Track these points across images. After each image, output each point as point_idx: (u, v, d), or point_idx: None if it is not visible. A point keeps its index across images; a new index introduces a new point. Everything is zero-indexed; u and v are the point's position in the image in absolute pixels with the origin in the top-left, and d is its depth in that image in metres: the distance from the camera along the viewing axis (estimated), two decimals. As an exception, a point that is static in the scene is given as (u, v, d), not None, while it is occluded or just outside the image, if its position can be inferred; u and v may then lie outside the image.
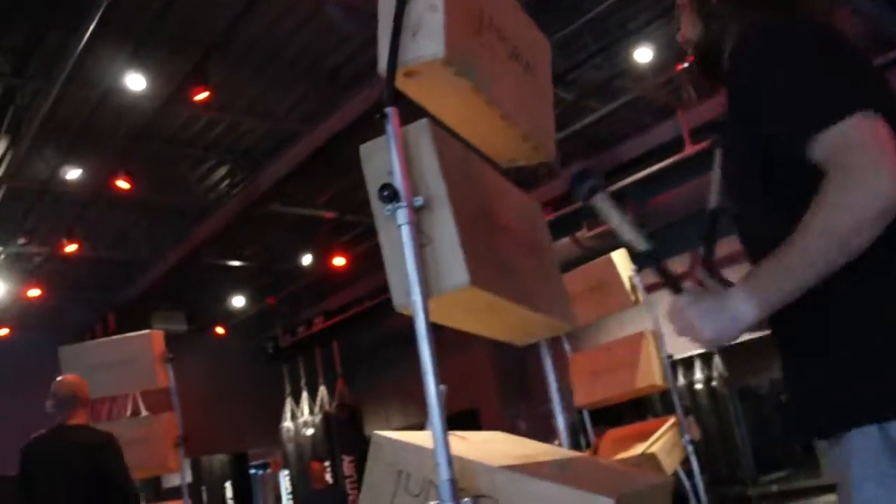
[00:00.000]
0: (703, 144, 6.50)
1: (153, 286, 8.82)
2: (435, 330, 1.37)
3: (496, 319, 1.72)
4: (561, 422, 2.05)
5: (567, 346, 4.57)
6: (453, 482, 1.30)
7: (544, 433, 4.31)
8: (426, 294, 1.38)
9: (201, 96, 5.49)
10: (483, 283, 1.46)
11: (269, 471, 20.46)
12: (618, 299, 4.19)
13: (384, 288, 1.40)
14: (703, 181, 1.91)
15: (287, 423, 11.01)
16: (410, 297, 1.37)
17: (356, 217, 8.17)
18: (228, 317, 10.97)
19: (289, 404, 11.19)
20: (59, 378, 3.91)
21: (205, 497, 13.45)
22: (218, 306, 10.60)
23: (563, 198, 7.15)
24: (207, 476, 13.42)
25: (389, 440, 1.56)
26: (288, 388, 11.24)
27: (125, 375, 4.50)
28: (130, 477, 3.69)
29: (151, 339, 4.58)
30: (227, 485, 13.09)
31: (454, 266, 1.42)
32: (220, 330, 11.05)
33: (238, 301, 10.09)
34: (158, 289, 8.73)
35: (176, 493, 17.92)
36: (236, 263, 8.99)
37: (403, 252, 1.38)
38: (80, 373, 4.01)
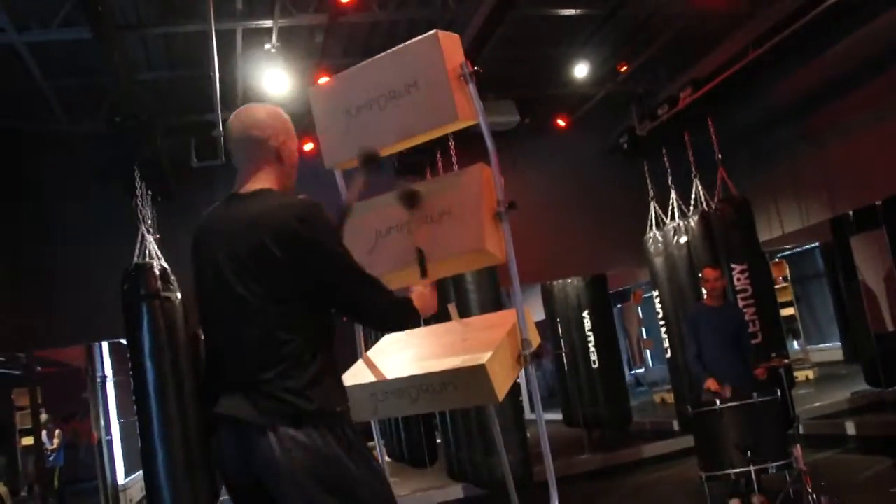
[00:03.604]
0: None
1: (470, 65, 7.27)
2: None
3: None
4: None
5: None
6: None
7: None
8: None
9: None
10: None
11: (629, 302, 19.55)
12: None
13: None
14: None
15: (653, 233, 9.56)
16: None
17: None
18: (570, 102, 9.28)
19: (653, 209, 9.74)
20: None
21: (560, 330, 12.54)
22: (556, 87, 8.97)
23: None
24: (562, 305, 12.48)
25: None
26: (651, 189, 9.79)
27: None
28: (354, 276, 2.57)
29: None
30: (585, 315, 11.94)
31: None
32: (561, 122, 9.44)
33: (580, 71, 8.23)
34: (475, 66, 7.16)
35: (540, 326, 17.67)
36: (570, 12, 7.09)
37: None
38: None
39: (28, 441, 14.78)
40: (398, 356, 3.32)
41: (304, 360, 2.34)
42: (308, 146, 8.78)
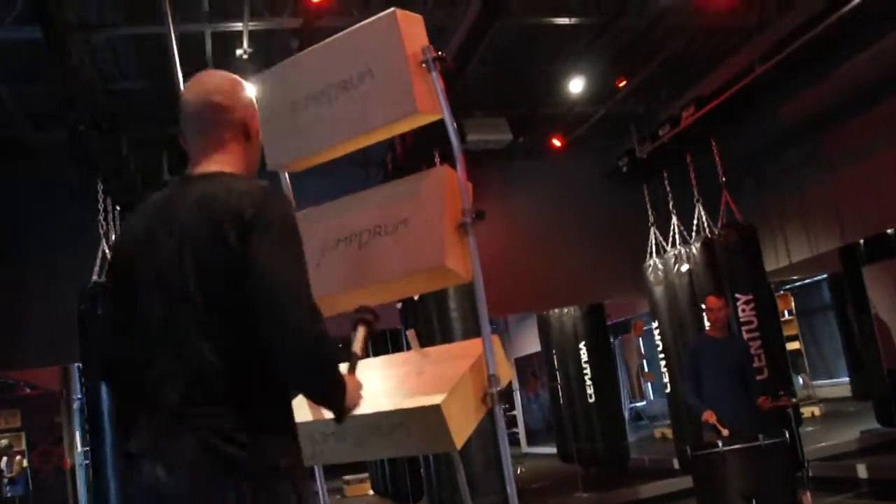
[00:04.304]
0: None
1: (454, 80, 6.88)
2: None
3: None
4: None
5: None
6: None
7: None
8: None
9: None
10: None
11: (630, 334, 19.07)
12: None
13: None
14: None
15: (653, 260, 9.14)
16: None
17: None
18: (567, 121, 8.88)
19: (653, 235, 9.32)
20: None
21: (556, 362, 12.15)
22: (551, 105, 8.59)
23: None
24: (558, 336, 12.08)
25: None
26: (651, 214, 9.37)
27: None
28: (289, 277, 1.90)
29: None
30: (581, 346, 11.54)
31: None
32: (556, 143, 9.04)
33: (576, 86, 7.82)
34: (464, 84, 6.78)
35: (527, 361, 17.07)
36: (564, 21, 6.70)
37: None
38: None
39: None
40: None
41: (242, 393, 1.86)
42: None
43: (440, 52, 2.70)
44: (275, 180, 3.07)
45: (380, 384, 2.76)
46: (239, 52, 6.27)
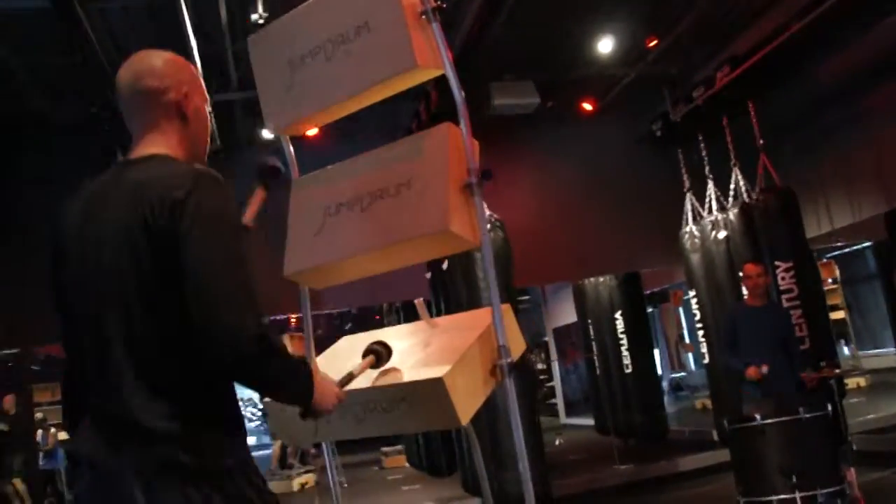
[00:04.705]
0: None
1: (477, 41, 6.67)
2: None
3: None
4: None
5: None
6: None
7: None
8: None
9: None
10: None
11: (668, 303, 18.80)
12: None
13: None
14: None
15: (689, 227, 8.88)
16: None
17: None
18: (597, 85, 8.62)
19: (689, 201, 9.01)
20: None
21: (591, 332, 12.01)
22: (580, 67, 8.30)
23: None
24: (593, 305, 11.93)
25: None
26: (687, 180, 9.06)
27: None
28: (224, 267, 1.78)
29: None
30: (618, 316, 11.36)
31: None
32: (587, 107, 8.80)
33: (604, 46, 7.55)
34: (489, 46, 6.55)
35: (565, 331, 16.91)
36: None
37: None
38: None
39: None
40: (347, 363, 2.70)
41: (181, 387, 1.76)
42: (312, 130, 8.24)
43: (440, 1, 2.51)
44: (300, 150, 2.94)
45: (384, 357, 2.61)
46: (254, 17, 6.10)
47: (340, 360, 2.78)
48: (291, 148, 2.99)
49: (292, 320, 15.23)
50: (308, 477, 11.59)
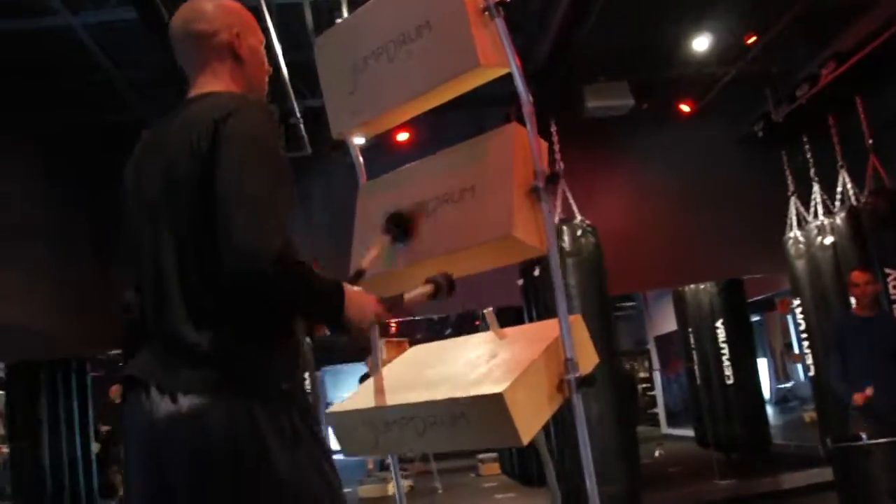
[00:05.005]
0: None
1: (567, 42, 6.50)
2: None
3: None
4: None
5: None
6: None
7: None
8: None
9: None
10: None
11: (773, 311, 18.10)
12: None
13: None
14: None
15: (793, 233, 8.49)
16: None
17: None
18: (695, 85, 8.36)
19: (793, 205, 8.64)
20: None
21: (691, 341, 11.68)
22: (677, 67, 8.07)
23: None
24: (693, 313, 11.60)
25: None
26: (791, 183, 8.68)
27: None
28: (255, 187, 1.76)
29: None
30: (719, 324, 11.01)
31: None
32: (685, 108, 8.56)
33: (700, 44, 7.30)
34: (582, 46, 6.39)
35: (668, 339, 16.53)
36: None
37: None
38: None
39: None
40: (413, 373, 2.61)
41: (229, 313, 1.76)
42: (402, 135, 8.23)
43: (505, -2, 2.40)
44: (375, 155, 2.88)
45: (447, 369, 2.51)
46: (339, 21, 6.10)
47: (408, 370, 2.70)
48: (358, 152, 2.94)
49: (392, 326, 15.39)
50: (403, 481, 11.60)
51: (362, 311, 1.89)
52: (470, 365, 2.45)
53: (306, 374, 10.06)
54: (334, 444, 2.70)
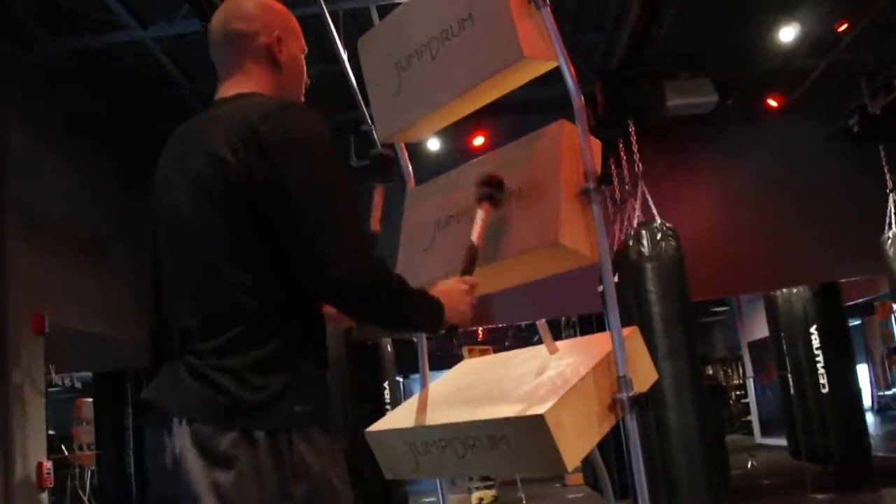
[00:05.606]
0: None
1: (645, 38, 6.28)
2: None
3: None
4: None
5: None
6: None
7: None
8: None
9: None
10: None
11: (873, 316, 17.28)
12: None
13: None
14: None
15: (892, 233, 8.08)
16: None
17: None
18: (784, 78, 8.01)
19: (892, 203, 8.21)
20: None
21: (784, 347, 11.18)
22: (764, 61, 7.74)
23: None
24: (785, 318, 11.09)
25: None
26: (889, 179, 8.27)
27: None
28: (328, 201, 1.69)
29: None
30: (813, 330, 10.46)
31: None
32: (773, 103, 8.21)
33: (787, 34, 6.95)
34: (661, 41, 6.15)
35: (761, 345, 15.94)
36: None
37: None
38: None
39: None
40: (459, 390, 2.46)
41: (257, 328, 1.63)
42: (478, 139, 8.08)
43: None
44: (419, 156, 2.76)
45: (492, 386, 2.36)
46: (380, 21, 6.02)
47: (455, 386, 2.56)
48: (407, 156, 2.81)
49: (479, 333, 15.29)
50: (486, 493, 11.48)
51: (457, 309, 1.91)
52: (515, 382, 2.29)
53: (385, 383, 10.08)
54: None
